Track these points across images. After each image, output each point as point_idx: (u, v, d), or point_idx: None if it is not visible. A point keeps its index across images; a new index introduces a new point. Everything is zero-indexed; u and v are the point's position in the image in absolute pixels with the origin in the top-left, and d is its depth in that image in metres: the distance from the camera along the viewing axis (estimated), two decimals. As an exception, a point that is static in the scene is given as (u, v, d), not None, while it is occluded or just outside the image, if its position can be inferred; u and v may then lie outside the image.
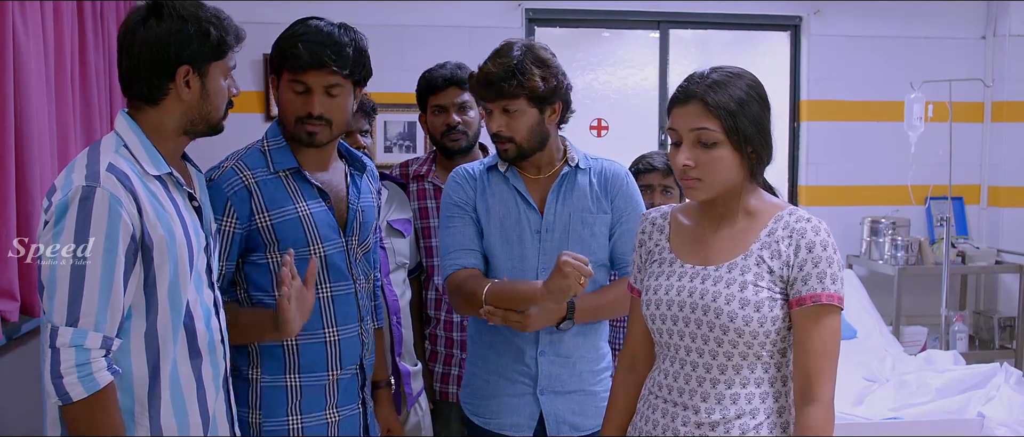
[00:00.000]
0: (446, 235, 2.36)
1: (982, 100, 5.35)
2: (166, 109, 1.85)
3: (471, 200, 2.35)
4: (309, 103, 2.12)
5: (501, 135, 2.26)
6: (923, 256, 5.02)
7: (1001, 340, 5.13)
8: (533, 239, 2.31)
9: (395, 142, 4.98)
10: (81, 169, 1.73)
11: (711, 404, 1.80)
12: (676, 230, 1.94)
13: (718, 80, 1.79)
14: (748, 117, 1.78)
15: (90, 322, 1.67)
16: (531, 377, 2.32)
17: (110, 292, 1.68)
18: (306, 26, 2.14)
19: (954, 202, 5.19)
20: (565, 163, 2.36)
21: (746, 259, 1.79)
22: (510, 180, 2.34)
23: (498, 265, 2.32)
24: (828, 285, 1.74)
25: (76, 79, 3.39)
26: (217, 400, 1.91)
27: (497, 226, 2.32)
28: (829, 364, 1.74)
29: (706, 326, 1.79)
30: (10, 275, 2.85)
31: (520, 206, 2.32)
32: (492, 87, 2.22)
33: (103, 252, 1.67)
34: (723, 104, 1.76)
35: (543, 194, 2.34)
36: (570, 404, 2.33)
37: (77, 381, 1.66)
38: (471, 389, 2.41)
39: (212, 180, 2.10)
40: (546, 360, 2.31)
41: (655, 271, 1.92)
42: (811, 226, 1.78)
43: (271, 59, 2.22)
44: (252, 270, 2.15)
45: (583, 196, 2.34)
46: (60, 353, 1.66)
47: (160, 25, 1.82)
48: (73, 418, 1.69)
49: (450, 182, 2.40)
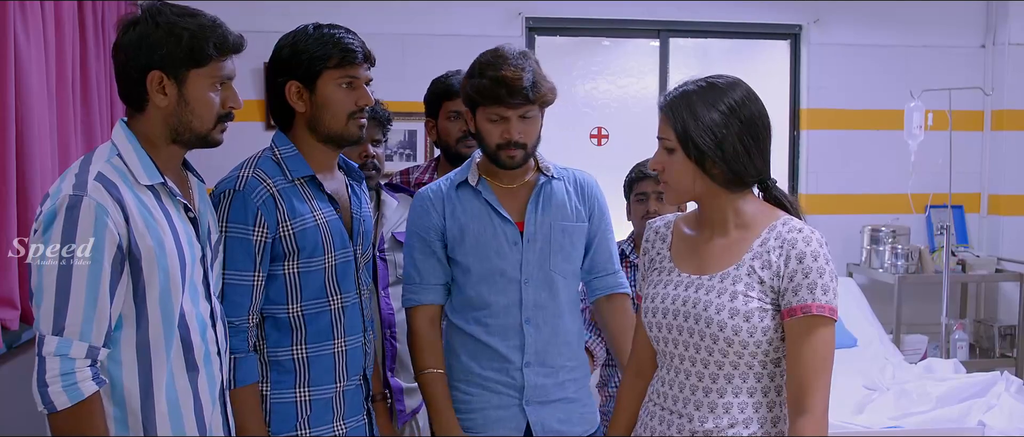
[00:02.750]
0: (408, 262, 2.36)
1: (982, 108, 5.35)
2: (149, 116, 1.84)
3: (437, 225, 2.31)
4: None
5: (516, 142, 2.24)
6: (923, 264, 5.01)
7: (1001, 348, 5.12)
8: (512, 251, 2.29)
9: (396, 150, 4.99)
10: (70, 178, 1.73)
11: (704, 413, 1.80)
12: (677, 239, 1.95)
13: (688, 91, 1.81)
14: (704, 128, 1.78)
15: (75, 331, 1.66)
16: (517, 388, 2.30)
17: (96, 301, 1.68)
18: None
19: (954, 210, 5.19)
20: (539, 172, 2.35)
21: (738, 269, 1.79)
22: (482, 194, 2.31)
23: (476, 281, 2.29)
24: (818, 296, 1.72)
25: (77, 84, 3.40)
26: (214, 413, 1.90)
27: (472, 243, 2.29)
28: (821, 375, 1.72)
29: (698, 335, 1.79)
30: (11, 283, 2.85)
31: (495, 220, 2.30)
32: (519, 93, 2.19)
33: (89, 261, 1.67)
34: (678, 114, 1.80)
35: (518, 204, 2.32)
36: (556, 412, 2.32)
37: (61, 390, 1.65)
38: (455, 403, 2.34)
39: (236, 191, 2.05)
40: (532, 371, 2.30)
41: (655, 279, 1.93)
42: (802, 236, 1.77)
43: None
44: (267, 282, 2.10)
45: (562, 206, 2.33)
46: (46, 362, 1.66)
47: (135, 30, 1.81)
48: (58, 426, 1.69)
49: (414, 206, 2.37)
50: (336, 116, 2.13)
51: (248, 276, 2.05)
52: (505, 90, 2.18)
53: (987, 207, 5.41)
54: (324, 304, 2.14)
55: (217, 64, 1.85)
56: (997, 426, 3.34)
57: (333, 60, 2.10)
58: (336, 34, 2.13)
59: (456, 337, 2.36)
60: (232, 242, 2.04)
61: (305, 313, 2.12)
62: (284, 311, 2.11)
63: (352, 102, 2.13)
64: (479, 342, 2.30)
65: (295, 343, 2.12)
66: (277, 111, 2.18)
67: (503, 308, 2.29)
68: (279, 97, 2.15)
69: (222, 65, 1.86)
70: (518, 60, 2.21)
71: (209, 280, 1.92)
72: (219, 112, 1.88)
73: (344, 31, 2.15)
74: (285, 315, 2.11)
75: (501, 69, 2.19)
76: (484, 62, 2.24)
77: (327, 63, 2.10)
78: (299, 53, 2.11)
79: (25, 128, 2.89)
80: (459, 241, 2.30)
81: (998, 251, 5.27)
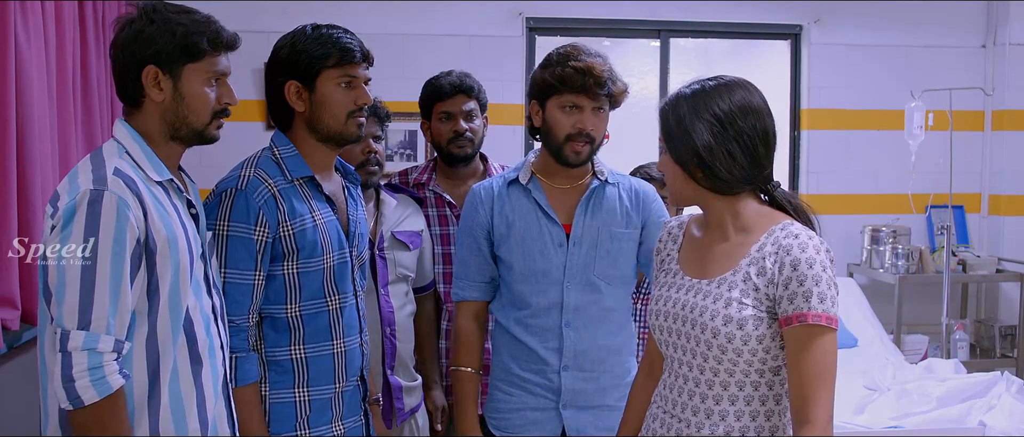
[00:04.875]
0: (456, 256, 2.46)
1: (982, 109, 5.35)
2: (147, 113, 1.86)
3: (484, 222, 2.35)
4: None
5: (588, 134, 2.26)
6: (924, 265, 5.01)
7: (1002, 349, 5.12)
8: (557, 253, 2.29)
9: (396, 150, 4.99)
10: (86, 174, 1.74)
11: (701, 419, 1.78)
12: (687, 241, 1.94)
13: (681, 94, 1.81)
14: (684, 133, 1.77)
15: (102, 326, 1.67)
16: (554, 391, 2.31)
17: (119, 295, 1.69)
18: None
19: (955, 210, 5.19)
20: (593, 176, 2.36)
21: (734, 275, 1.76)
22: (532, 193, 2.33)
23: (519, 279, 2.32)
24: (815, 304, 1.66)
25: (77, 84, 3.40)
26: (217, 406, 1.91)
27: (517, 241, 2.31)
28: (822, 385, 1.65)
29: (695, 340, 1.78)
30: (11, 283, 2.84)
31: (541, 220, 2.31)
32: (603, 85, 2.23)
33: (111, 255, 1.68)
34: (665, 117, 1.81)
35: (568, 206, 2.33)
36: (593, 419, 2.32)
37: (90, 385, 1.66)
38: (494, 402, 2.40)
39: (239, 190, 2.06)
40: (569, 375, 2.30)
41: (662, 281, 1.92)
42: (798, 242, 1.71)
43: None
44: (266, 282, 2.11)
45: (613, 210, 2.33)
46: (72, 357, 1.66)
47: (131, 27, 1.84)
48: (82, 422, 1.69)
49: (466, 202, 2.42)
50: (335, 115, 2.14)
51: (249, 275, 2.06)
52: (591, 79, 2.21)
53: (987, 207, 5.41)
54: (322, 305, 2.14)
55: (211, 59, 1.87)
56: (997, 426, 3.34)
57: (332, 59, 2.12)
58: (334, 34, 2.14)
59: (499, 336, 2.39)
60: (234, 241, 2.05)
61: (303, 314, 2.12)
62: (282, 311, 2.11)
63: (351, 101, 2.15)
64: (519, 342, 2.32)
65: (293, 343, 2.12)
66: (276, 111, 2.19)
67: (544, 309, 2.30)
68: (278, 97, 2.16)
69: (216, 60, 1.89)
70: (597, 55, 2.27)
71: (209, 275, 1.94)
72: (214, 108, 1.90)
73: (342, 31, 2.16)
74: (283, 315, 2.11)
75: (583, 59, 2.23)
76: (563, 53, 2.27)
77: (326, 62, 2.12)
78: (298, 53, 2.12)
79: (25, 128, 2.89)
80: (505, 238, 2.32)
81: (998, 251, 5.27)
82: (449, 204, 2.92)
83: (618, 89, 2.27)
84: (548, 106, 2.28)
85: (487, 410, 2.43)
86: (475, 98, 2.90)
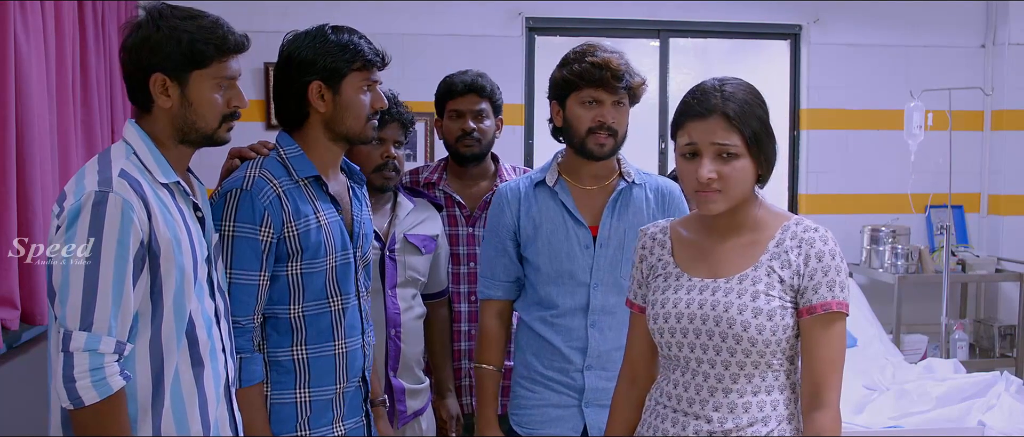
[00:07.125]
0: (482, 256, 2.50)
1: (982, 108, 5.35)
2: (156, 117, 1.86)
3: (510, 223, 2.37)
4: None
5: (609, 126, 2.27)
6: (923, 264, 5.02)
7: (1001, 348, 5.12)
8: (583, 255, 2.31)
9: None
10: (93, 175, 1.74)
11: (724, 413, 1.82)
12: (678, 244, 1.95)
13: (733, 92, 1.82)
14: (762, 126, 1.83)
15: (103, 327, 1.68)
16: (577, 390, 2.32)
17: (121, 297, 1.70)
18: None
19: (954, 210, 5.19)
20: (620, 177, 2.37)
21: (756, 270, 1.82)
22: (558, 195, 2.34)
23: (545, 281, 2.33)
24: (837, 293, 1.79)
25: (77, 84, 3.39)
26: (218, 408, 1.91)
27: (544, 243, 2.33)
28: (837, 370, 1.79)
29: (718, 337, 1.81)
30: (11, 283, 2.84)
31: (568, 222, 2.32)
32: (622, 78, 2.26)
33: (114, 257, 1.68)
34: (743, 117, 1.80)
35: (594, 208, 2.34)
36: None
37: (90, 385, 1.67)
38: (516, 399, 2.41)
39: (244, 191, 2.05)
40: (592, 374, 2.31)
41: (660, 285, 1.92)
42: (819, 235, 1.83)
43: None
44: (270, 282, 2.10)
45: (639, 212, 2.34)
46: (74, 357, 1.67)
47: (138, 34, 1.84)
48: (82, 422, 1.70)
49: (493, 203, 2.45)
50: (358, 117, 2.15)
51: (254, 276, 2.06)
52: (609, 72, 2.24)
53: (987, 207, 5.41)
54: (325, 306, 2.15)
55: (219, 65, 1.87)
56: (997, 426, 3.34)
57: (358, 63, 2.13)
58: (356, 37, 2.16)
59: (524, 334, 2.40)
60: (239, 242, 2.04)
61: (306, 314, 2.12)
62: (285, 312, 2.11)
63: (372, 105, 2.17)
64: (543, 340, 2.33)
65: (295, 344, 2.13)
66: (290, 110, 2.17)
67: (570, 310, 2.32)
68: (298, 96, 2.14)
69: (225, 65, 1.88)
70: (614, 51, 2.30)
71: (213, 277, 1.94)
72: (224, 112, 1.90)
73: (358, 35, 2.18)
74: (286, 316, 2.12)
75: (600, 54, 2.26)
76: (580, 50, 2.30)
77: (353, 65, 2.13)
78: (324, 54, 2.12)
79: (25, 128, 2.89)
80: (532, 240, 2.34)
81: (998, 251, 5.28)
82: (458, 204, 2.92)
83: (636, 82, 2.30)
84: (568, 104, 2.30)
85: (510, 406, 2.45)
86: (487, 99, 2.89)
